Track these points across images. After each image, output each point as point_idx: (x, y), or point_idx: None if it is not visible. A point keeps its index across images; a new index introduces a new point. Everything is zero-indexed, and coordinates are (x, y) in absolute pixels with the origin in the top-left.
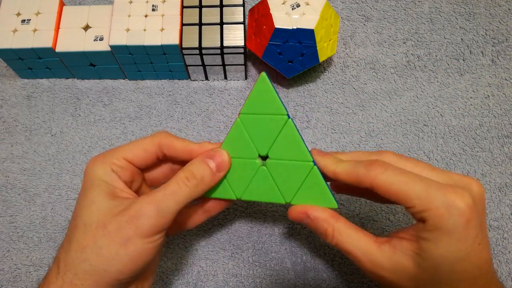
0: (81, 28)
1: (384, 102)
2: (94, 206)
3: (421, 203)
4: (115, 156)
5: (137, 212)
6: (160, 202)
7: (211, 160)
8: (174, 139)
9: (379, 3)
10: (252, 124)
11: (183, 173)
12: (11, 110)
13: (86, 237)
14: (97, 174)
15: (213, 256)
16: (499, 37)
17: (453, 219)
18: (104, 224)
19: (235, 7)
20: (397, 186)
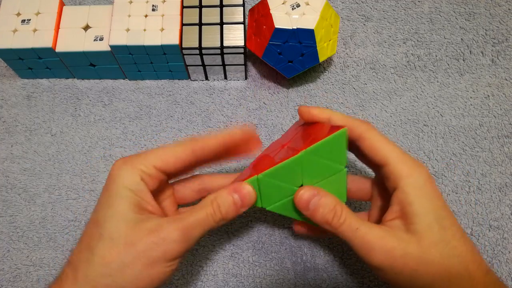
0: (81, 28)
1: (384, 102)
2: (121, 219)
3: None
4: (144, 164)
5: (166, 236)
6: (189, 230)
7: (238, 197)
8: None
9: (379, 3)
10: (310, 163)
11: (212, 205)
12: (11, 110)
13: (112, 252)
14: (125, 182)
15: (213, 256)
16: (499, 37)
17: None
18: (132, 242)
19: (235, 7)
20: (380, 145)
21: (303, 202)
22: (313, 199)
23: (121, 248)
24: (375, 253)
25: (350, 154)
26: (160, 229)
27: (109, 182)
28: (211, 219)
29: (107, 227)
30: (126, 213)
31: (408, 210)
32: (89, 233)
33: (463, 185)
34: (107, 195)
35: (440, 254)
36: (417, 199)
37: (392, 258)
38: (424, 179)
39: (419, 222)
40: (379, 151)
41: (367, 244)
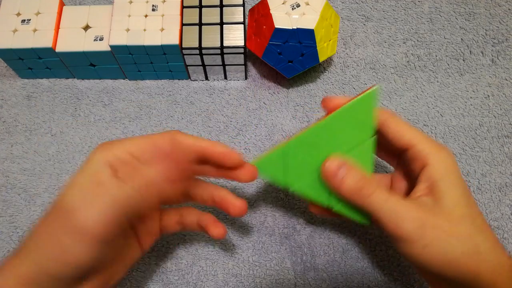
0: (81, 28)
1: (384, 102)
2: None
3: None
4: (118, 147)
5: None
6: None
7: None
8: (186, 136)
9: (379, 3)
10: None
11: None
12: (11, 110)
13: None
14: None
15: (213, 256)
16: (499, 37)
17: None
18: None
19: (235, 7)
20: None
21: (332, 171)
22: (341, 169)
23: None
24: (406, 222)
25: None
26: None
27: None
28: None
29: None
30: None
31: (437, 185)
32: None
33: None
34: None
35: (468, 228)
36: (446, 176)
37: (423, 228)
38: (451, 158)
39: (448, 196)
40: (406, 132)
41: (397, 214)
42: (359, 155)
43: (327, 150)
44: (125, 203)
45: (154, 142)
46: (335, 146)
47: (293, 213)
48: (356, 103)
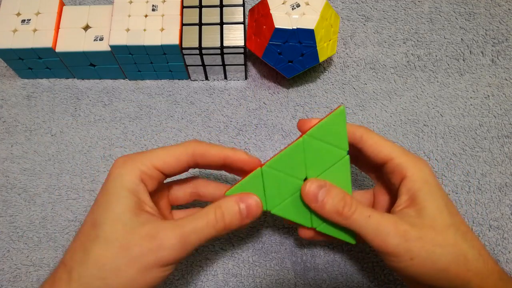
0: (81, 28)
1: (384, 102)
2: (118, 221)
3: (400, 156)
4: (144, 163)
5: (162, 242)
6: (186, 237)
7: (244, 206)
8: (208, 147)
9: (379, 3)
10: (312, 148)
11: (214, 213)
12: (11, 110)
13: (107, 254)
14: (124, 182)
15: (213, 256)
16: (499, 37)
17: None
18: (128, 245)
19: (235, 7)
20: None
21: (311, 194)
22: (321, 191)
23: (116, 250)
24: (390, 238)
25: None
26: (157, 235)
27: (108, 181)
28: (211, 228)
29: (104, 228)
30: (123, 215)
31: (417, 196)
32: (85, 233)
33: (463, 185)
34: (105, 195)
35: (453, 237)
36: (425, 186)
37: (407, 241)
38: (428, 169)
39: (429, 206)
40: (383, 147)
41: (381, 230)
42: (336, 174)
43: (303, 171)
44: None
45: (177, 156)
46: (310, 166)
47: None
48: (326, 122)
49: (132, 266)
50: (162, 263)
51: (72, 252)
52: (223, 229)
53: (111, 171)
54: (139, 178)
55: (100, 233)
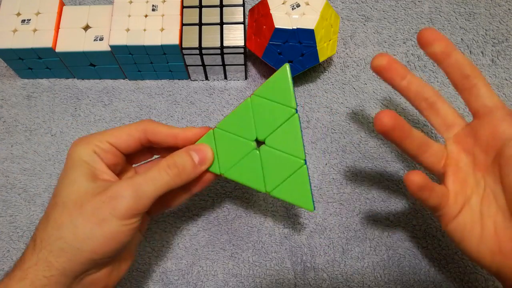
0: (81, 28)
1: (384, 102)
2: (74, 185)
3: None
4: (98, 139)
5: (114, 193)
6: (138, 185)
7: (195, 153)
8: (158, 125)
9: (379, 3)
10: (260, 107)
11: (166, 161)
12: (11, 110)
13: (63, 215)
14: (79, 155)
15: (213, 256)
16: (499, 37)
17: None
18: (81, 203)
19: (235, 7)
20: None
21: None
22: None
23: (71, 209)
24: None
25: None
26: (109, 188)
27: (66, 160)
28: (164, 175)
29: (62, 194)
30: (80, 180)
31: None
32: (48, 205)
33: None
34: (64, 170)
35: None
36: None
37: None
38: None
39: None
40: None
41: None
42: (286, 133)
43: (253, 132)
44: None
45: (128, 131)
46: (260, 126)
47: (293, 213)
48: (271, 80)
49: (88, 221)
50: (118, 213)
51: (38, 225)
52: (178, 175)
53: (69, 151)
54: (92, 151)
55: (57, 199)
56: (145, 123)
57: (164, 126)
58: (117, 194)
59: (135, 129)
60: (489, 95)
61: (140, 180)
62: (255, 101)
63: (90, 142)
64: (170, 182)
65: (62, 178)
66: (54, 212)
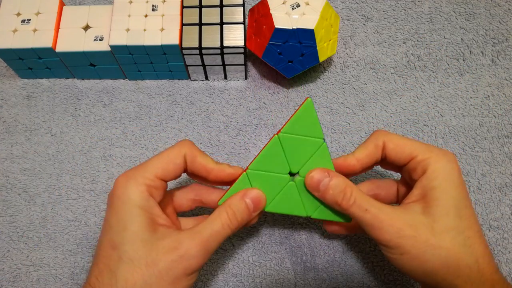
0: (81, 28)
1: (384, 102)
2: (138, 240)
3: (423, 153)
4: (147, 176)
5: (185, 253)
6: (207, 243)
7: (250, 201)
8: (197, 154)
9: (379, 3)
10: (289, 143)
11: (226, 213)
12: (11, 110)
13: (134, 274)
14: (133, 199)
15: (213, 256)
16: (499, 37)
17: (450, 165)
18: (153, 262)
19: (235, 7)
20: (404, 142)
21: (314, 183)
22: (323, 180)
23: (143, 269)
24: (383, 232)
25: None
26: (179, 246)
27: (116, 201)
28: (227, 228)
29: (125, 249)
30: (141, 233)
31: (429, 194)
32: (107, 255)
33: None
34: (116, 215)
35: (451, 241)
36: (441, 184)
37: (400, 238)
38: (451, 166)
39: (437, 205)
40: (405, 147)
41: (375, 224)
42: (318, 162)
43: (286, 166)
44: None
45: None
46: (292, 160)
47: None
48: (297, 117)
49: (162, 281)
50: (189, 272)
51: (98, 275)
52: (237, 227)
53: (116, 191)
54: (147, 193)
55: (122, 254)
56: (185, 148)
57: (201, 157)
58: (188, 253)
59: (179, 156)
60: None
61: (206, 235)
62: (284, 138)
63: (139, 180)
64: (231, 234)
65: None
66: (121, 269)
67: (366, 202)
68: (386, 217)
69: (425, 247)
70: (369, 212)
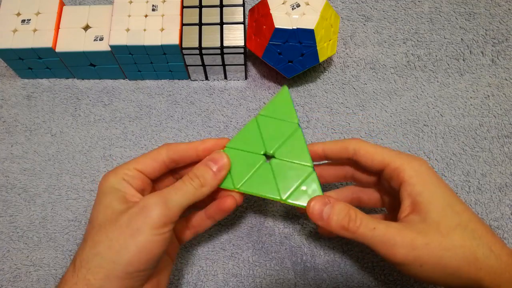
0: (81, 28)
1: (384, 102)
2: (108, 208)
3: (394, 161)
4: (126, 167)
5: (145, 204)
6: (167, 195)
7: (212, 163)
8: (178, 143)
9: (379, 3)
10: (266, 125)
11: (187, 175)
12: (11, 110)
13: (99, 234)
14: (110, 184)
15: (213, 256)
16: (499, 37)
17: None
18: (116, 219)
19: (235, 7)
20: (375, 151)
21: (316, 213)
22: (325, 208)
23: (107, 227)
24: (397, 248)
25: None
26: (140, 201)
27: (98, 192)
28: (189, 185)
29: (98, 217)
30: (112, 203)
31: (418, 200)
32: (86, 230)
33: (463, 185)
34: (96, 200)
35: (461, 238)
36: (424, 188)
37: (415, 250)
38: (425, 167)
39: (432, 209)
40: (376, 155)
41: (387, 241)
42: (293, 145)
43: (261, 146)
44: None
45: (153, 157)
46: (268, 141)
47: (293, 213)
48: (273, 101)
49: (122, 233)
50: (150, 222)
51: (77, 250)
52: (200, 185)
53: (99, 184)
54: (121, 178)
55: (94, 223)
56: (166, 145)
57: (184, 143)
58: (147, 204)
59: (158, 152)
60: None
61: (167, 190)
62: (261, 120)
63: (118, 172)
64: (195, 192)
65: (96, 205)
66: (91, 233)
67: (372, 220)
68: (396, 231)
69: (441, 252)
70: (378, 230)
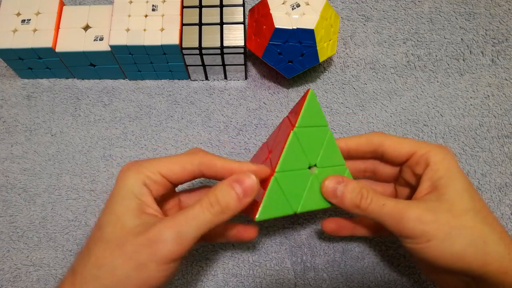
0: (81, 28)
1: (384, 102)
2: (118, 222)
3: (421, 148)
4: (150, 169)
5: (155, 237)
6: (180, 226)
7: (238, 185)
8: (213, 158)
9: (379, 3)
10: (304, 136)
11: (208, 198)
12: (11, 110)
13: (104, 254)
14: (129, 185)
15: (213, 256)
16: (499, 37)
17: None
18: (123, 243)
19: (235, 7)
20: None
21: (330, 191)
22: (339, 186)
23: (113, 250)
24: (405, 222)
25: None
26: (150, 230)
27: (115, 185)
28: (207, 212)
29: (106, 230)
30: (124, 216)
31: (439, 183)
32: (91, 236)
33: None
34: (110, 199)
35: (472, 220)
36: (447, 173)
37: (424, 224)
38: (450, 156)
39: (449, 191)
40: (404, 144)
41: (396, 214)
42: (329, 149)
43: (305, 160)
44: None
45: (183, 165)
46: (309, 153)
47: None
48: (305, 109)
49: (127, 264)
50: (158, 258)
51: (78, 255)
52: (221, 212)
53: (118, 175)
54: (142, 182)
55: (102, 234)
56: (200, 157)
57: (219, 159)
58: (158, 237)
59: (190, 163)
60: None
61: (181, 220)
62: (299, 132)
63: (141, 171)
64: (213, 220)
65: (107, 209)
66: (96, 249)
67: (382, 198)
68: (405, 206)
69: (449, 229)
70: (387, 206)
